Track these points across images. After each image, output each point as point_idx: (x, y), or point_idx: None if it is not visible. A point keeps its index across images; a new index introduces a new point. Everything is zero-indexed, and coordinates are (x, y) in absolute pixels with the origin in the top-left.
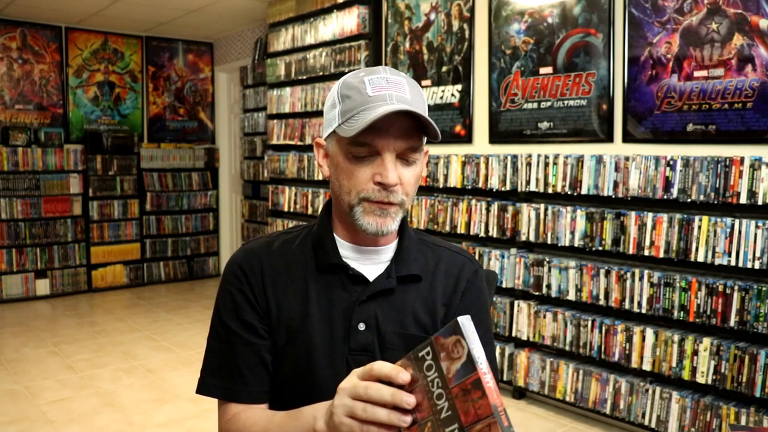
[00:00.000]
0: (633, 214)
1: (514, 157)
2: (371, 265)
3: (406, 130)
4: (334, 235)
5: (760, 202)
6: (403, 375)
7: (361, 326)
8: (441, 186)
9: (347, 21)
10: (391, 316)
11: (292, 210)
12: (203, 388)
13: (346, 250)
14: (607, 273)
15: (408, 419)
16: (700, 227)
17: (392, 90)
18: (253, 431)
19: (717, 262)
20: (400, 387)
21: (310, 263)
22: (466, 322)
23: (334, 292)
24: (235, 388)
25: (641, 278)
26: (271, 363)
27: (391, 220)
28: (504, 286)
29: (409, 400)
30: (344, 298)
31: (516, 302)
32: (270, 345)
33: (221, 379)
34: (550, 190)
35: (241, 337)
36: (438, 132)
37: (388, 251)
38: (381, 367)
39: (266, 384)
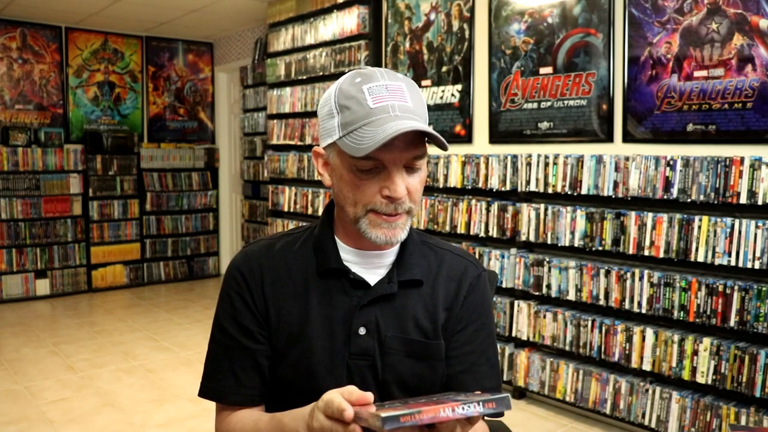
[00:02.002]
0: (633, 214)
1: (514, 157)
2: (373, 269)
3: (412, 141)
4: (336, 238)
5: (760, 202)
6: (347, 413)
7: (362, 330)
8: (441, 186)
9: (347, 21)
10: (392, 320)
11: (292, 210)
12: (202, 390)
13: (347, 254)
14: (607, 273)
15: None
16: (700, 227)
17: (393, 99)
18: None
19: (717, 262)
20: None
21: (310, 267)
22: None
23: (334, 296)
24: (230, 391)
25: (641, 278)
26: (268, 367)
27: (400, 231)
28: (504, 286)
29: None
30: (345, 303)
31: (516, 302)
32: (267, 350)
33: (217, 381)
34: (550, 190)
35: (237, 341)
36: (446, 144)
37: (390, 255)
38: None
39: (260, 388)
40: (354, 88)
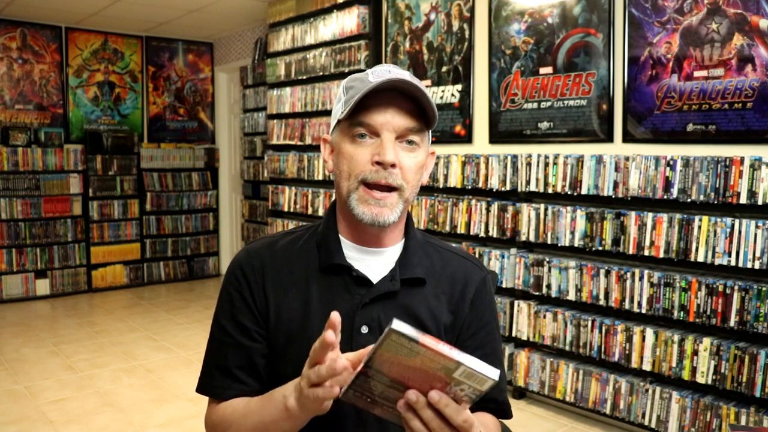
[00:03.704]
0: (633, 214)
1: (514, 157)
2: (375, 267)
3: (406, 111)
4: (339, 235)
5: (760, 202)
6: (328, 335)
7: (364, 329)
8: (441, 186)
9: (347, 21)
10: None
11: (292, 210)
12: (199, 386)
13: (350, 251)
14: (607, 273)
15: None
16: (700, 227)
17: (390, 75)
18: (233, 418)
19: (717, 262)
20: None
21: (313, 264)
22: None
23: (336, 293)
24: (225, 387)
25: (641, 278)
26: (268, 365)
27: (388, 211)
28: (504, 286)
29: (344, 364)
30: (347, 300)
31: (516, 302)
32: (264, 348)
33: (213, 377)
34: (550, 190)
35: (234, 339)
36: (435, 109)
37: (393, 252)
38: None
39: (256, 386)
40: (361, 74)
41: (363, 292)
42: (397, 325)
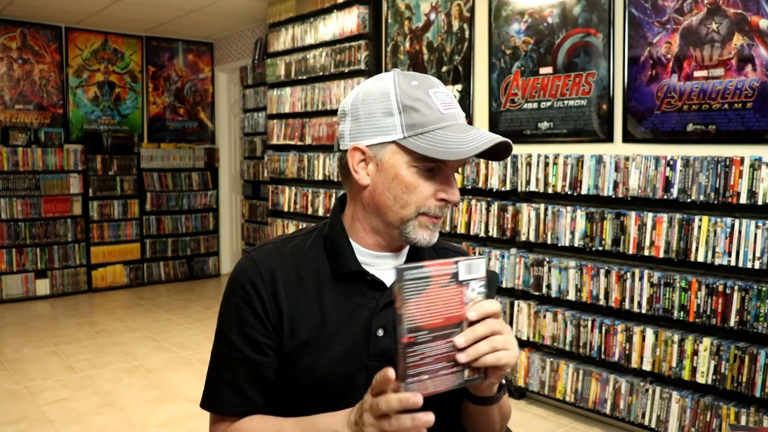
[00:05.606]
0: (633, 214)
1: (514, 157)
2: (386, 271)
3: None
4: (351, 240)
5: (760, 202)
6: (389, 372)
7: (380, 332)
8: None
9: (347, 21)
10: None
11: (292, 210)
12: (204, 402)
13: (362, 256)
14: (607, 273)
15: (431, 418)
16: (700, 227)
17: (456, 107)
18: None
19: (717, 262)
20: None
21: (323, 269)
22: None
23: (352, 299)
24: (233, 403)
25: (641, 278)
26: (280, 373)
27: (437, 233)
28: (504, 286)
29: (416, 399)
30: (363, 305)
31: (516, 302)
32: (274, 361)
33: (220, 394)
34: (550, 190)
35: (243, 354)
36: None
37: (402, 256)
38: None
39: (263, 401)
40: (418, 90)
41: (378, 296)
42: (399, 266)
